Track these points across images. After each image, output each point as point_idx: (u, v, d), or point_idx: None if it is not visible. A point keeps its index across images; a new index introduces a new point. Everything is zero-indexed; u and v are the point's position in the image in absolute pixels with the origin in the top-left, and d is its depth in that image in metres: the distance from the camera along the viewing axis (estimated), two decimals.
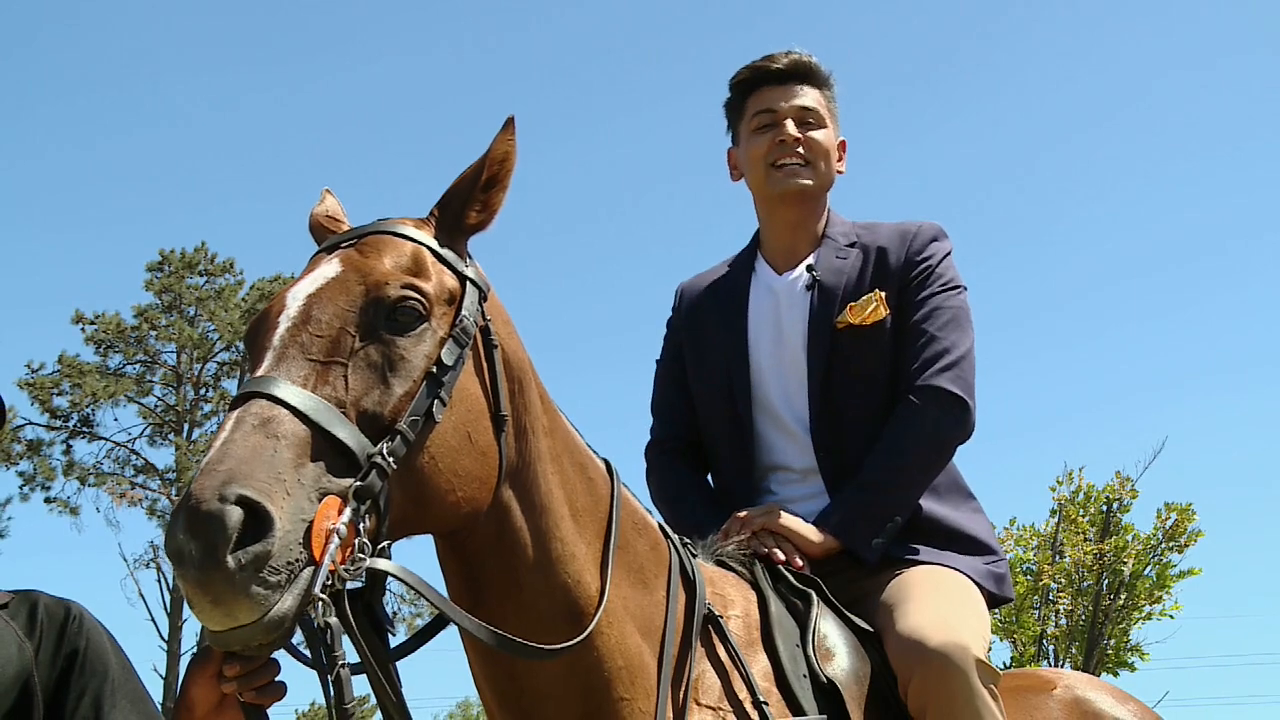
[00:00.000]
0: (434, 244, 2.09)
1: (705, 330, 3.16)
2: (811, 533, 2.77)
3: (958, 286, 3.03)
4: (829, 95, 3.18)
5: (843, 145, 3.21)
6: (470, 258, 2.17)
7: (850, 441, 2.92)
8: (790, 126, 3.07)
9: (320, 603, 1.69)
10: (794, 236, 3.13)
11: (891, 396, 2.94)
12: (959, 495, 3.02)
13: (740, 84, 3.19)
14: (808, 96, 3.11)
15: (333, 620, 1.73)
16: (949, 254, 3.07)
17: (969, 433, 2.93)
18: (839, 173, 3.19)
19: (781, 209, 3.12)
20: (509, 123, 2.17)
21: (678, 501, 3.07)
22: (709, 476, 3.18)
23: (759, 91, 3.14)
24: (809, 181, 3.08)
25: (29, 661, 2.20)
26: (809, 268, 3.05)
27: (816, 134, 3.10)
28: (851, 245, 3.07)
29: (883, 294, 2.96)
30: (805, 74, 3.13)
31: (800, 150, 3.07)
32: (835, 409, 2.95)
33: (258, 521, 1.65)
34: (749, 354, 3.05)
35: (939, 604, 2.63)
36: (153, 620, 28.06)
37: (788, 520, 2.78)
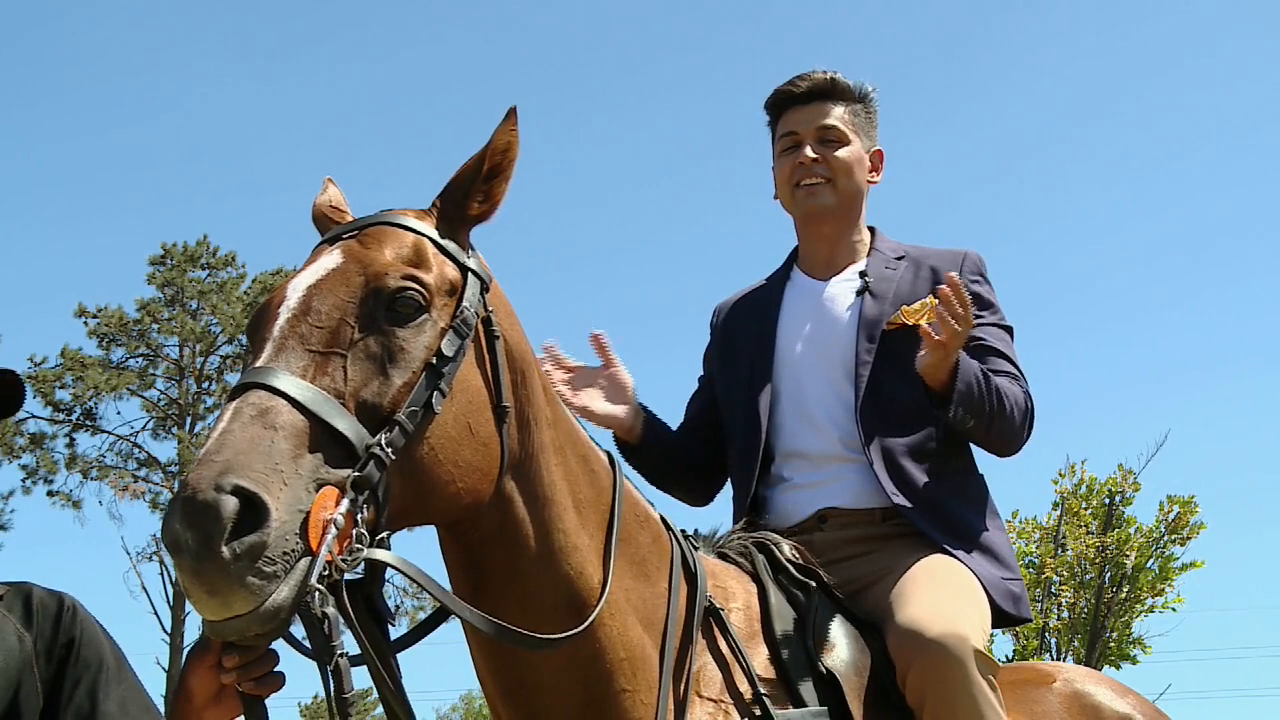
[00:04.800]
0: (435, 235, 2.09)
1: (736, 331, 3.25)
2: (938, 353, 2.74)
3: (1008, 326, 3.13)
4: (856, 110, 3.25)
5: (878, 155, 3.31)
6: (473, 249, 2.17)
7: (895, 432, 2.94)
8: (808, 149, 3.17)
9: (317, 593, 1.69)
10: (832, 248, 3.22)
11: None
12: (989, 512, 3.05)
13: (770, 108, 3.31)
14: (830, 115, 3.20)
15: (330, 610, 1.73)
16: (994, 289, 3.18)
17: (1023, 440, 2.99)
18: (872, 183, 3.28)
19: (813, 225, 3.23)
20: (511, 113, 2.17)
21: (667, 443, 3.12)
22: (701, 455, 3.19)
23: (785, 114, 3.26)
24: (829, 200, 3.18)
25: (29, 654, 2.21)
26: (861, 274, 3.13)
27: (839, 151, 3.18)
28: (900, 259, 3.17)
29: (936, 301, 3.00)
30: (826, 93, 3.22)
31: (819, 170, 3.16)
32: (883, 404, 2.97)
33: (254, 512, 1.65)
34: (775, 345, 3.11)
35: (938, 595, 2.63)
36: (155, 614, 28.09)
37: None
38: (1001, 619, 2.92)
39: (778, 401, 3.06)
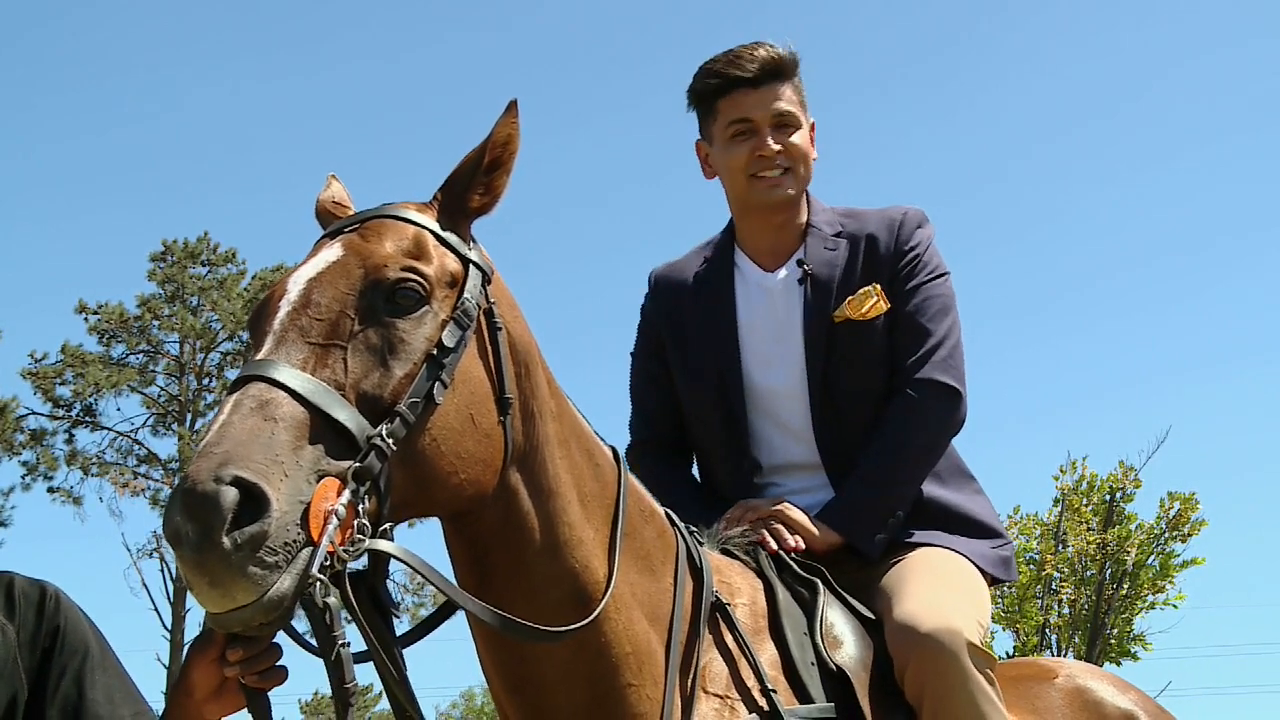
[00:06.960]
0: (436, 227, 2.08)
1: (689, 329, 3.09)
2: (815, 527, 2.76)
3: (943, 274, 3.02)
4: (798, 84, 3.08)
5: (812, 128, 3.11)
6: (474, 241, 2.16)
7: (853, 434, 2.91)
8: (769, 140, 2.98)
9: (319, 583, 1.69)
10: (777, 235, 3.07)
11: (890, 387, 2.93)
12: (960, 478, 3.01)
13: (714, 91, 3.05)
14: (782, 98, 3.01)
15: (332, 600, 1.73)
16: (932, 240, 3.06)
17: (962, 421, 2.95)
18: (813, 159, 3.11)
19: (767, 216, 3.05)
20: (512, 106, 2.16)
21: (664, 501, 3.04)
22: (694, 472, 3.14)
23: (731, 95, 3.01)
24: (791, 191, 3.01)
25: (12, 644, 2.20)
26: (799, 262, 3.01)
27: (794, 138, 3.02)
28: (838, 235, 3.03)
29: (880, 287, 2.94)
30: (776, 71, 3.02)
31: (780, 160, 3.00)
32: (837, 403, 2.93)
33: (254, 503, 1.64)
34: (740, 354, 3.00)
35: (933, 589, 2.62)
36: (155, 610, 28.10)
37: (793, 514, 2.77)
38: (993, 582, 2.93)
39: (753, 413, 2.98)
